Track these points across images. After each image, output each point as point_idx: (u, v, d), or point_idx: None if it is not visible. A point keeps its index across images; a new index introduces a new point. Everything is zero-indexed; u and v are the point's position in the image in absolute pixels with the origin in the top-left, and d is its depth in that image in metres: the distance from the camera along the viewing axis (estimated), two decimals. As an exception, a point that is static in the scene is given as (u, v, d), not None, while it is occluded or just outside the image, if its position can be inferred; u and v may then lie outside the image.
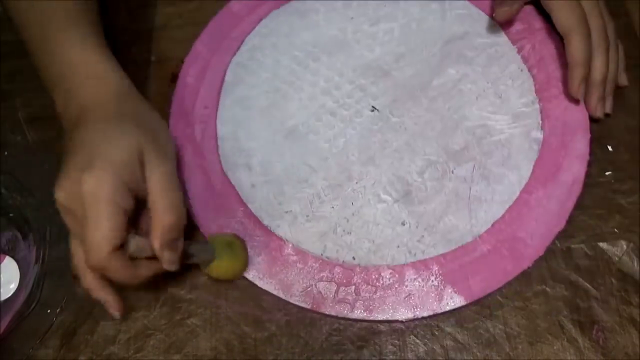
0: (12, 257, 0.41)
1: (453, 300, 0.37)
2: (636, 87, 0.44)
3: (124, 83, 0.38)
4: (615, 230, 0.39)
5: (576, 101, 0.42)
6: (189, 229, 0.38)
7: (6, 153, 0.43)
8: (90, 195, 0.31)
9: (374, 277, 0.38)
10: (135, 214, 0.34)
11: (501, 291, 0.38)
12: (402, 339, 0.37)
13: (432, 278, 0.38)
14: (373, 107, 0.44)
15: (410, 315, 0.37)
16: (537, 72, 0.44)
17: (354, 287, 0.38)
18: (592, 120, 0.42)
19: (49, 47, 0.38)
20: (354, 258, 0.39)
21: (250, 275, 0.39)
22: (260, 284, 0.39)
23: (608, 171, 0.41)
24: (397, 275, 0.38)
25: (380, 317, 0.37)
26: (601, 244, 0.39)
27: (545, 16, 0.44)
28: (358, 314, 0.38)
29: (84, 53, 0.37)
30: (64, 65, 0.37)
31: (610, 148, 0.42)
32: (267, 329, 0.38)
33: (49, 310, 0.39)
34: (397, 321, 0.38)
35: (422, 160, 0.42)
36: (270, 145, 0.43)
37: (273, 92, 0.45)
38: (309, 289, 0.38)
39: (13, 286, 0.40)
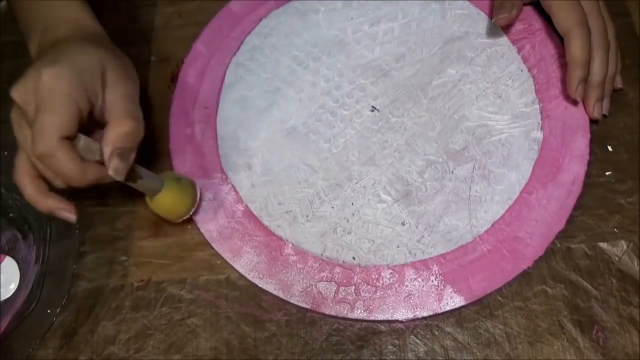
0: (12, 257, 0.41)
1: (453, 300, 0.37)
2: (636, 87, 0.44)
3: (101, 30, 0.39)
4: (615, 230, 0.39)
5: (575, 101, 0.42)
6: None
7: (6, 153, 0.43)
8: (47, 87, 0.32)
9: (374, 277, 0.38)
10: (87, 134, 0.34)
11: (501, 291, 0.38)
12: (402, 339, 0.37)
13: (432, 278, 0.38)
14: (373, 107, 0.44)
15: (410, 315, 0.37)
16: (537, 72, 0.44)
17: (354, 287, 0.38)
18: (592, 120, 0.42)
19: (34, 4, 0.39)
20: (354, 258, 0.39)
21: (250, 275, 0.39)
22: (260, 284, 0.39)
23: (608, 171, 0.41)
24: (397, 275, 0.38)
25: (380, 317, 0.37)
26: (601, 244, 0.39)
27: (545, 16, 0.44)
28: (358, 314, 0.38)
29: (66, 7, 0.38)
30: (46, 15, 0.38)
31: (610, 148, 0.42)
32: (267, 329, 0.38)
33: (49, 310, 0.39)
34: (397, 321, 0.38)
35: (422, 160, 0.42)
36: (270, 145, 0.43)
37: (273, 92, 0.45)
38: (309, 289, 0.38)
39: (13, 286, 0.40)
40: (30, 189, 0.35)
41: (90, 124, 0.35)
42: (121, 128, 0.34)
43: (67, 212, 0.35)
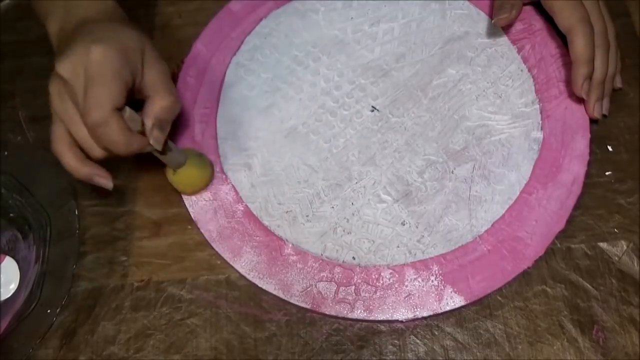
0: (12, 257, 0.41)
1: (453, 300, 0.37)
2: (636, 87, 0.44)
3: (121, 9, 0.41)
4: (615, 230, 0.39)
5: (577, 100, 0.42)
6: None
7: (6, 153, 0.43)
8: (97, 63, 0.33)
9: (374, 277, 0.38)
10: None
11: (501, 291, 0.38)
12: (402, 339, 0.37)
13: (432, 278, 0.38)
14: (373, 107, 0.44)
15: (410, 315, 0.37)
16: (537, 72, 0.44)
17: (354, 287, 0.38)
18: (592, 120, 0.42)
19: None
20: (354, 258, 0.39)
21: (250, 275, 0.39)
22: (260, 284, 0.39)
23: (608, 171, 0.41)
24: (397, 275, 0.38)
25: (380, 317, 0.37)
26: (601, 244, 0.39)
27: (546, 16, 0.44)
28: (358, 314, 0.38)
29: None
30: None
31: (610, 148, 0.42)
32: (267, 329, 0.38)
33: (49, 310, 0.39)
34: (397, 321, 0.38)
35: (422, 160, 0.42)
36: (270, 145, 0.43)
37: (273, 92, 0.45)
38: (309, 289, 0.38)
39: (13, 286, 0.40)
40: (69, 156, 0.36)
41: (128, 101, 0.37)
42: (162, 102, 0.36)
43: (105, 179, 0.37)
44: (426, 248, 0.39)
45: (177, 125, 0.44)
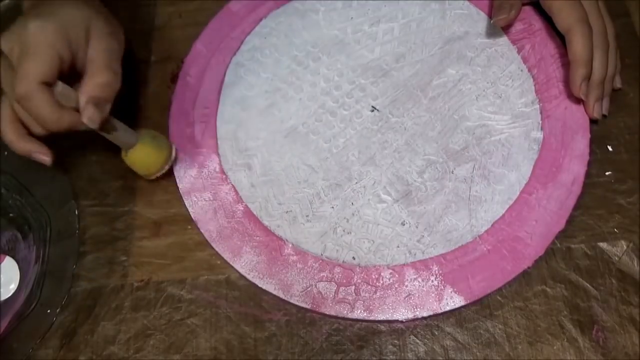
0: (12, 257, 0.41)
1: (453, 300, 0.37)
2: (636, 87, 0.44)
3: None
4: (615, 230, 0.39)
5: (577, 101, 0.42)
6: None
7: (6, 153, 0.43)
8: (31, 36, 0.34)
9: (374, 277, 0.38)
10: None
11: (501, 291, 0.38)
12: (402, 339, 0.37)
13: (432, 278, 0.38)
14: (373, 107, 0.44)
15: (410, 315, 0.37)
16: (537, 72, 0.44)
17: (353, 287, 0.38)
18: (592, 120, 0.42)
19: None
20: (354, 258, 0.39)
21: (250, 275, 0.39)
22: (260, 284, 0.39)
23: (608, 171, 0.41)
24: (397, 275, 0.38)
25: (380, 317, 0.37)
26: (601, 244, 0.39)
27: (545, 16, 0.44)
28: (358, 314, 0.38)
29: None
30: None
31: (610, 148, 0.42)
32: (267, 329, 0.38)
33: (49, 310, 0.39)
34: (397, 321, 0.38)
35: (422, 160, 0.42)
36: (270, 145, 0.43)
37: (273, 92, 0.45)
38: (308, 289, 0.38)
39: (13, 286, 0.40)
40: (9, 130, 0.36)
41: (74, 78, 0.36)
42: (98, 78, 0.35)
43: (44, 155, 0.37)
44: (426, 248, 0.39)
45: (177, 125, 0.44)
